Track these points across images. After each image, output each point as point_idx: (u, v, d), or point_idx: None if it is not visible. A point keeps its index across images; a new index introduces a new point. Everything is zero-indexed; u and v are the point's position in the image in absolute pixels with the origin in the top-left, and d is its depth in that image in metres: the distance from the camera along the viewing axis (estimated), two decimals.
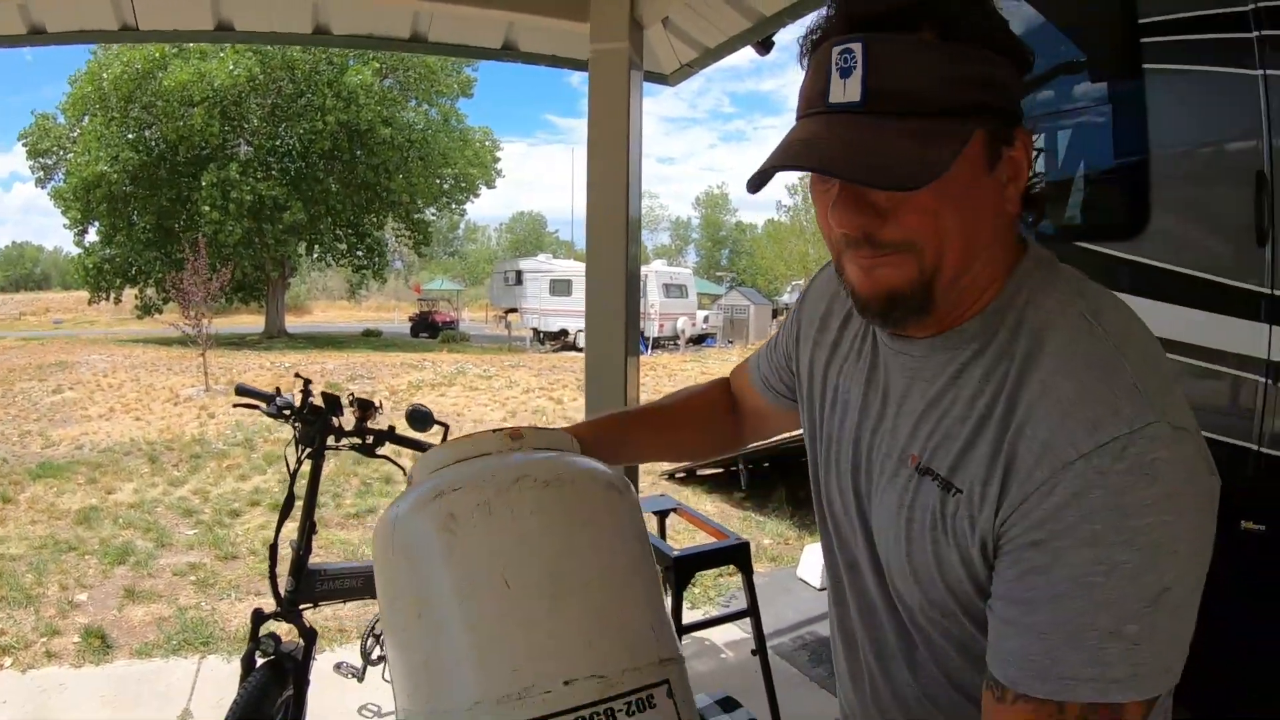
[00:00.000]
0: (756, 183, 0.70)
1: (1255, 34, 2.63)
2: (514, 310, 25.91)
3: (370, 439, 2.29)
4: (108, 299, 23.44)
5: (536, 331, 24.16)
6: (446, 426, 2.51)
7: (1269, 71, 2.60)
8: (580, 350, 20.81)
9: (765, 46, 3.24)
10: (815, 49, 0.69)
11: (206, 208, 20.46)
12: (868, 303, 0.74)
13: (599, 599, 0.71)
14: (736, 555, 2.89)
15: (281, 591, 2.28)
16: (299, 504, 2.30)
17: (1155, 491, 0.61)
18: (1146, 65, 2.91)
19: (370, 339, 24.72)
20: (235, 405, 2.38)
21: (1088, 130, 3.45)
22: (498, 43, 3.21)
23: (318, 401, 2.26)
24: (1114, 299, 0.74)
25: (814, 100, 0.68)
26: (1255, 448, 2.71)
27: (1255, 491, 2.53)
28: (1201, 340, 2.78)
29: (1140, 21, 2.89)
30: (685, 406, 1.17)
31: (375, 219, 25.18)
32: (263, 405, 2.27)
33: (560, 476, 0.76)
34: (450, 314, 30.95)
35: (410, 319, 30.00)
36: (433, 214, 27.83)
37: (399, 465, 2.27)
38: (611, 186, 2.33)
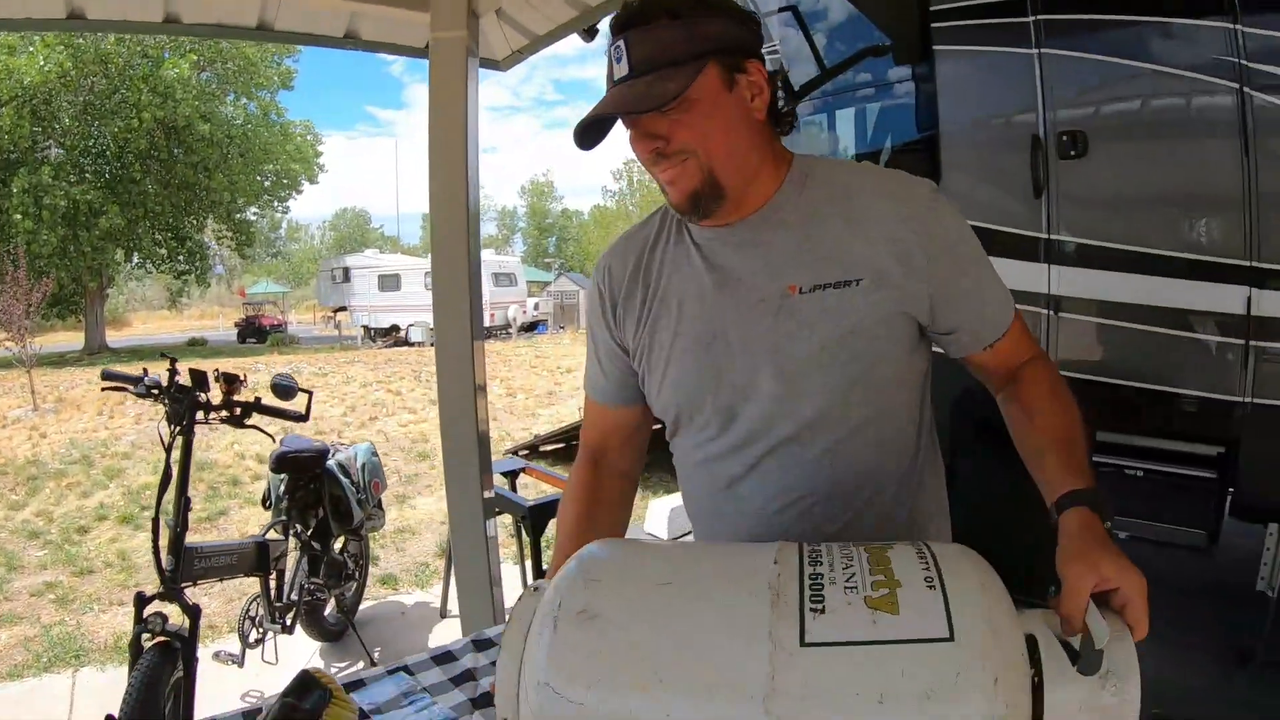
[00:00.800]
0: (581, 137, 1.01)
1: (1031, 18, 3.01)
2: (343, 309, 25.23)
3: (238, 410, 2.39)
4: None
5: (367, 329, 23.60)
6: (310, 394, 2.63)
7: (1044, 50, 3.02)
8: (413, 344, 20.69)
9: (590, 34, 3.46)
10: (608, 50, 1.01)
11: (18, 216, 18.66)
12: (680, 204, 1.04)
13: None
14: None
15: (164, 569, 2.35)
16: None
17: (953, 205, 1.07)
18: (937, 47, 3.33)
19: (197, 348, 23.35)
20: (104, 389, 2.43)
21: (891, 107, 3.89)
22: (340, 31, 3.25)
23: (185, 380, 2.34)
24: None
25: (608, 81, 1.01)
26: None
27: None
28: None
29: (931, 8, 3.25)
30: (587, 527, 1.19)
31: (196, 221, 23.69)
32: (131, 387, 2.34)
33: None
34: (278, 317, 29.97)
35: (236, 325, 28.72)
36: (255, 213, 26.45)
37: (268, 434, 2.38)
38: (452, 171, 2.44)
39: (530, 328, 25.00)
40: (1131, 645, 0.80)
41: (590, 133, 1.01)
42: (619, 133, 1.05)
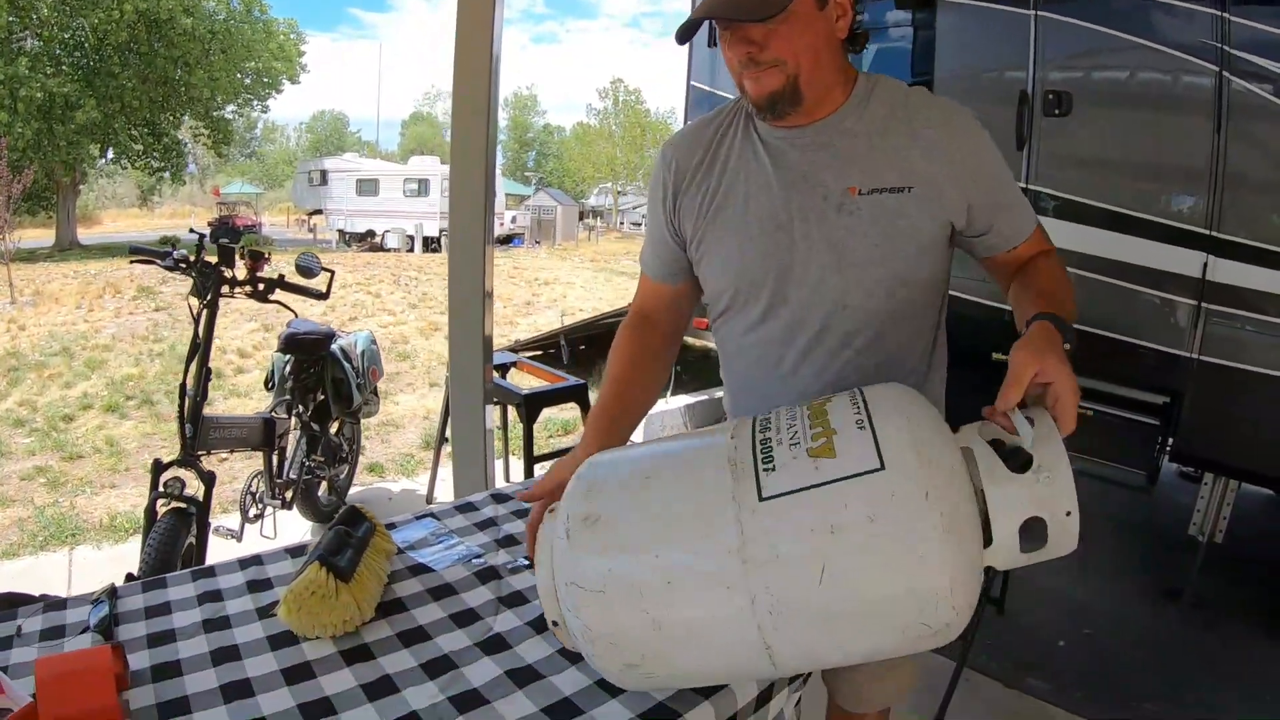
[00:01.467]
0: (686, 32, 1.15)
1: None
2: (319, 212, 24.92)
3: (262, 286, 2.51)
4: None
5: (342, 233, 23.37)
6: (332, 273, 2.76)
7: (1040, 13, 3.15)
8: (389, 250, 20.44)
9: None
10: None
11: None
12: (758, 101, 1.15)
13: None
14: (576, 394, 3.36)
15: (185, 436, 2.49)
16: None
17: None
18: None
19: (169, 243, 22.90)
20: (132, 262, 2.52)
21: (888, 50, 4.00)
22: None
23: (211, 256, 2.46)
24: None
25: None
26: (1009, 308, 3.40)
27: (1009, 336, 3.20)
28: None
29: None
30: (631, 368, 1.34)
31: (173, 117, 23.08)
32: (159, 261, 2.44)
33: None
34: (252, 218, 29.07)
35: (209, 224, 27.74)
36: (233, 111, 25.75)
37: (290, 309, 2.51)
38: (475, 80, 2.50)
39: (506, 241, 24.67)
40: (1059, 439, 0.91)
41: (687, 31, 1.15)
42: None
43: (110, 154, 23.26)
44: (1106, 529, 3.93)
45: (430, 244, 21.57)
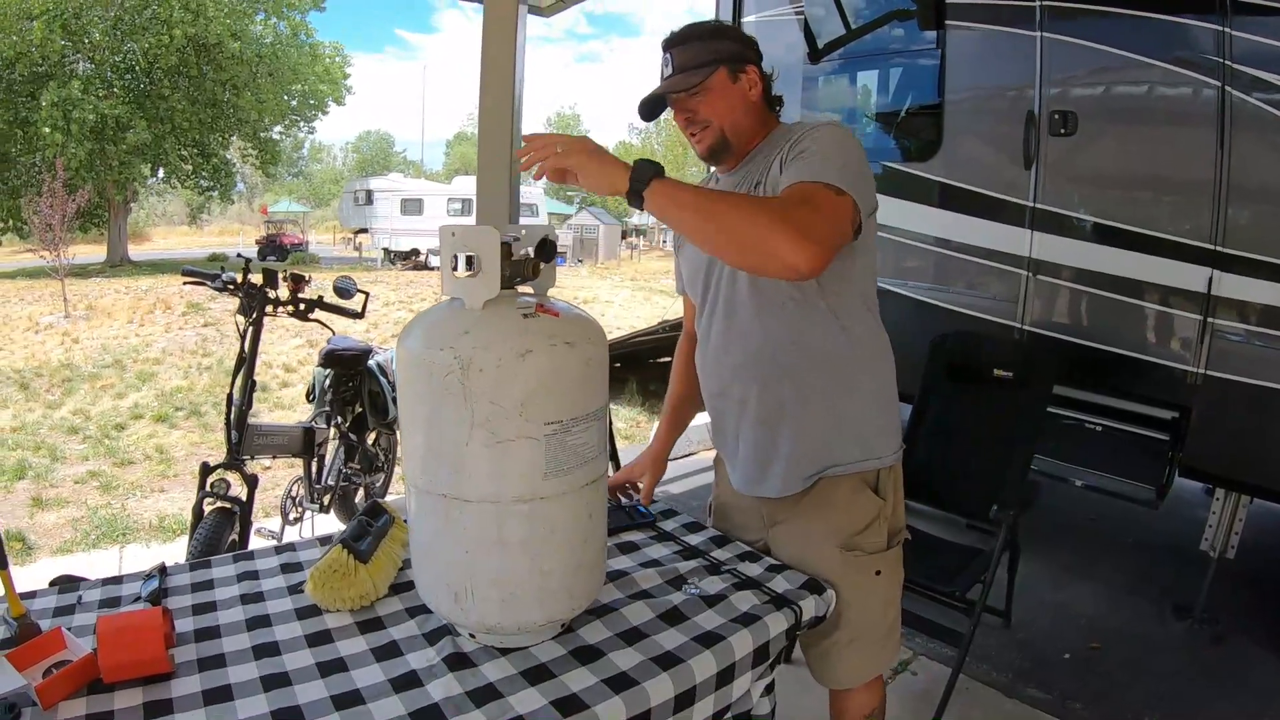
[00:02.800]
0: (643, 111, 1.55)
1: (1038, 3, 3.24)
2: (364, 231, 25.42)
3: (303, 306, 2.69)
4: None
5: (387, 251, 23.82)
6: (367, 295, 2.94)
7: (1045, 34, 3.24)
8: (433, 269, 20.66)
9: None
10: (663, 54, 1.52)
11: (47, 129, 18.86)
12: (702, 155, 1.56)
13: None
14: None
15: (231, 441, 2.67)
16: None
17: (845, 135, 1.44)
18: (950, 21, 3.53)
19: (219, 263, 23.47)
20: (185, 283, 2.73)
21: (903, 73, 4.09)
22: None
23: (257, 279, 2.65)
24: None
25: (661, 78, 1.52)
26: (1017, 325, 3.47)
27: (1016, 353, 3.26)
28: (981, 242, 3.49)
29: None
30: (686, 385, 1.85)
31: (221, 138, 23.84)
32: (209, 283, 2.64)
33: None
34: (298, 236, 30.07)
35: (257, 242, 28.59)
36: (280, 132, 26.52)
37: (329, 327, 2.69)
38: (498, 113, 2.66)
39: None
40: None
41: (647, 109, 1.54)
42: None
43: (161, 173, 24.08)
44: (1116, 544, 3.94)
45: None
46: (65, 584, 1.42)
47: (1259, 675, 2.87)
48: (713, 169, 1.65)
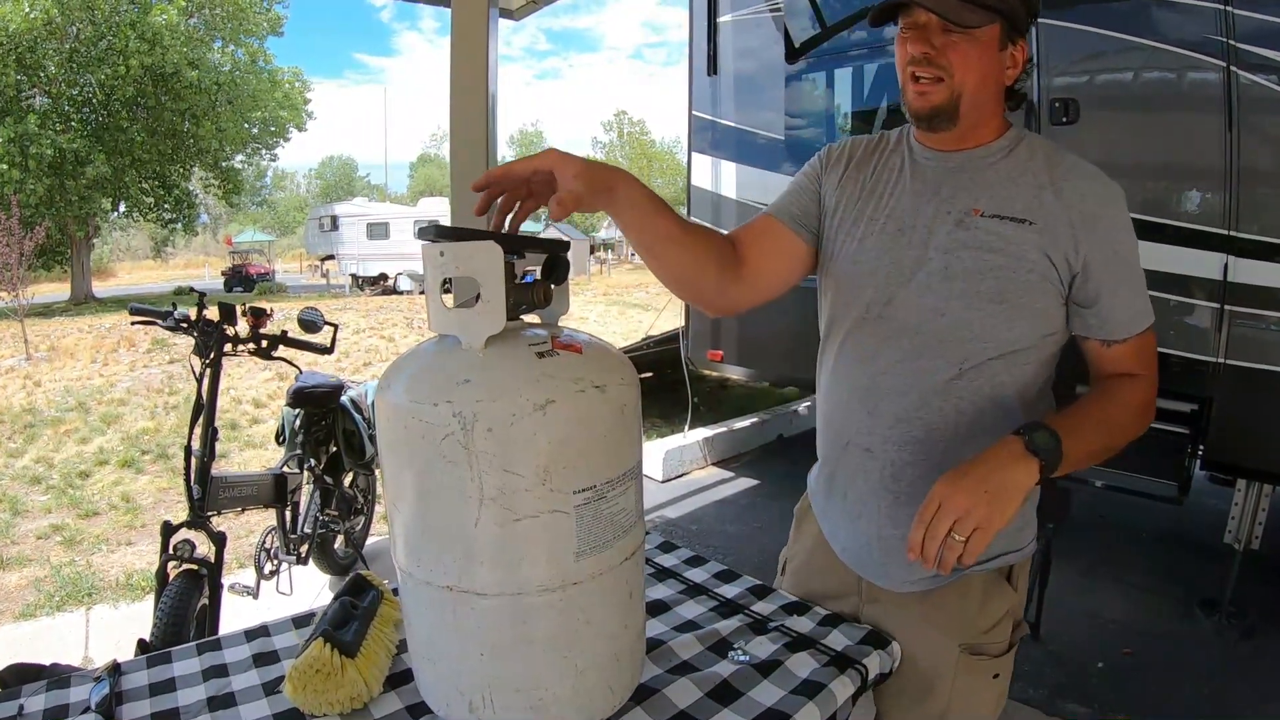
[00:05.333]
0: (881, 14, 1.19)
1: None
2: (331, 257, 25.26)
3: (265, 343, 2.48)
4: None
5: (355, 277, 23.64)
6: (336, 327, 2.73)
7: (1041, 20, 3.10)
8: (401, 293, 20.61)
9: None
10: None
11: (4, 165, 18.35)
12: (919, 111, 1.19)
13: None
14: None
15: (194, 497, 2.46)
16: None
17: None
18: None
19: (185, 296, 23.18)
20: (133, 323, 2.51)
21: (889, 66, 3.97)
22: None
23: (213, 314, 2.43)
24: None
25: None
26: None
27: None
28: None
29: None
30: (705, 231, 1.30)
31: (182, 169, 23.41)
32: (160, 321, 2.42)
33: None
34: (264, 265, 29.91)
35: (223, 273, 28.52)
36: (241, 161, 26.22)
37: (294, 365, 2.48)
38: (472, 123, 2.45)
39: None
40: None
41: (886, 14, 1.18)
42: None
43: (122, 207, 23.64)
44: (1139, 543, 3.85)
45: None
46: (12, 680, 1.20)
47: None
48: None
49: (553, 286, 1.05)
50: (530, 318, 1.04)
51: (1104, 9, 3.04)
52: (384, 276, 23.05)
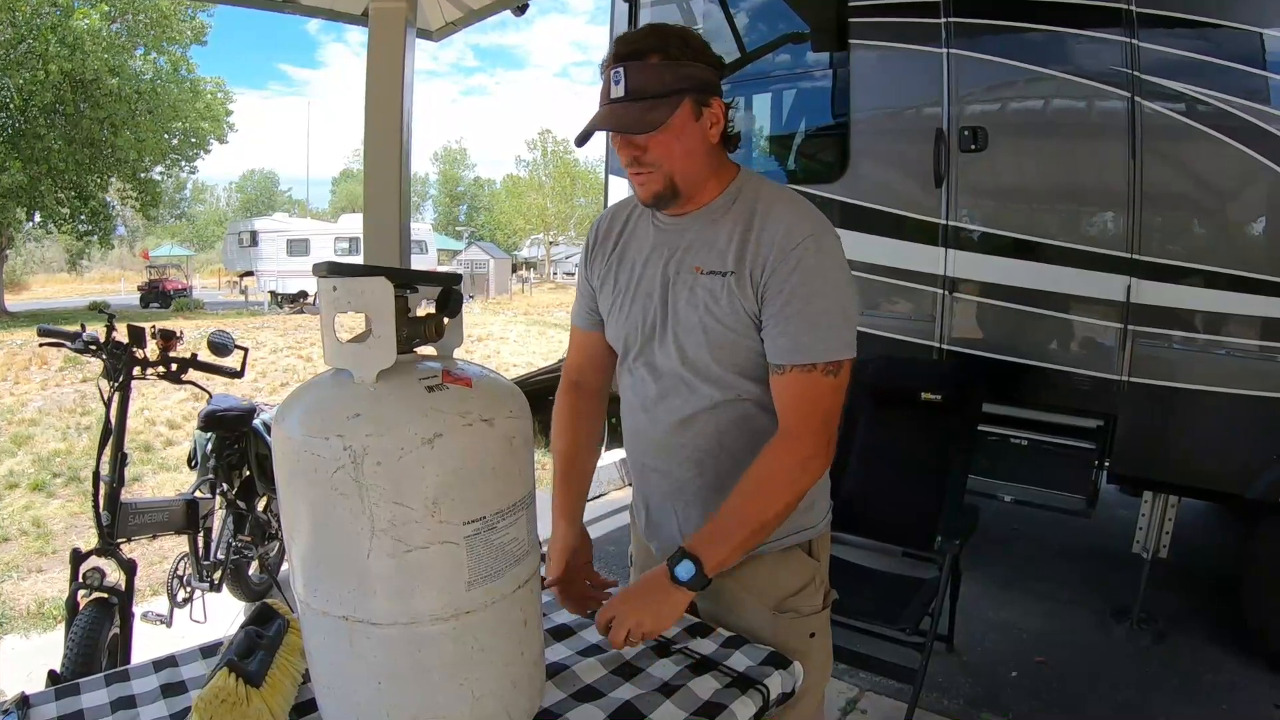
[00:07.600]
0: (581, 139, 1.32)
1: (943, 20, 3.22)
2: (250, 274, 24.74)
3: (175, 366, 2.42)
4: None
5: (274, 294, 23.21)
6: (246, 350, 2.68)
7: (952, 50, 3.22)
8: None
9: (521, 9, 3.54)
10: (604, 70, 1.26)
11: None
12: (646, 199, 1.33)
13: None
14: None
15: (103, 525, 2.38)
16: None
17: (834, 260, 1.28)
18: (853, 40, 3.47)
19: (99, 312, 22.40)
20: (41, 345, 2.43)
21: (806, 93, 4.06)
22: None
23: (122, 336, 2.37)
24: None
25: (603, 98, 1.26)
26: (936, 344, 3.45)
27: (941, 374, 3.22)
28: (893, 262, 3.44)
29: (850, 3, 3.43)
30: (574, 438, 1.56)
31: (100, 180, 22.50)
32: (68, 343, 2.35)
33: None
34: (182, 281, 28.81)
35: (139, 289, 27.56)
36: (160, 172, 25.30)
37: (205, 389, 2.42)
38: (387, 141, 2.47)
39: None
40: None
41: (584, 139, 1.32)
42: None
43: (37, 218, 22.67)
44: (1050, 555, 3.97)
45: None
46: None
47: (1202, 667, 2.93)
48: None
49: (446, 320, 1.06)
50: (426, 350, 1.05)
51: (1014, 40, 3.15)
52: (303, 294, 22.55)
